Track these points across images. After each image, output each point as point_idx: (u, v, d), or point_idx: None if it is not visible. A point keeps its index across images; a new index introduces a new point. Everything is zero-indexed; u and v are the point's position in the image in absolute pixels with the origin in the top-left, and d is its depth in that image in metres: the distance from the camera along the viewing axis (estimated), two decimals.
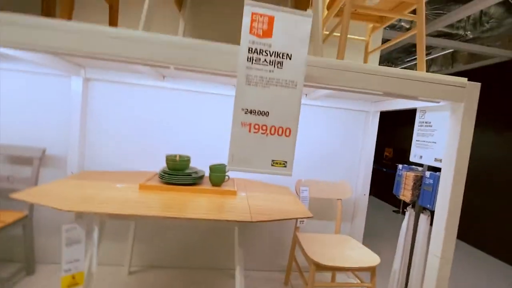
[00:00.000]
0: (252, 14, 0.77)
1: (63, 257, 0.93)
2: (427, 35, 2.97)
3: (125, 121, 1.60)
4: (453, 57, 4.07)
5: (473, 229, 3.58)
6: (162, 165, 1.65)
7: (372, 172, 1.85)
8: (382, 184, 5.36)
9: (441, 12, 2.68)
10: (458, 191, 1.11)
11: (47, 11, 1.22)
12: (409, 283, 1.43)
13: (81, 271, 0.98)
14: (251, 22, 0.78)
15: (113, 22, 1.24)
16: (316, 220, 1.85)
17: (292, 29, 0.80)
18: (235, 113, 0.80)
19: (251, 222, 0.99)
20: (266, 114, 0.83)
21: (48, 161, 1.56)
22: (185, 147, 1.67)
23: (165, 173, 1.34)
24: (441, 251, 1.13)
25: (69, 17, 0.89)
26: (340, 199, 1.69)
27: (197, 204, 1.12)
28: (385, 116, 5.06)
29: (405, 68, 4.32)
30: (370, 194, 2.42)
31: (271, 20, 0.79)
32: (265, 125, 0.83)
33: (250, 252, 1.76)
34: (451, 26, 2.92)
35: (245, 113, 0.81)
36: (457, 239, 3.74)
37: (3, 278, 1.41)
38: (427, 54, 3.86)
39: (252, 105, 0.82)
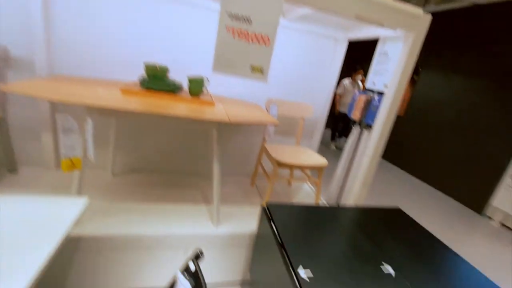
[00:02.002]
0: None
1: (60, 143, 1.05)
2: None
3: (99, 24, 1.51)
4: None
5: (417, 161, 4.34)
6: (136, 75, 1.66)
7: None
8: None
9: None
10: (393, 109, 1.40)
11: None
12: (346, 182, 1.86)
13: (78, 156, 1.12)
14: None
15: None
16: (281, 136, 2.14)
17: None
18: (221, 16, 0.87)
19: (230, 123, 1.17)
20: (249, 21, 0.91)
21: (13, 63, 1.47)
22: (161, 59, 1.68)
23: (145, 80, 1.40)
24: (372, 153, 1.48)
25: None
26: (303, 118, 1.95)
27: (179, 108, 1.25)
28: (365, 52, 5.22)
29: None
30: None
31: None
32: (247, 31, 0.93)
33: (222, 160, 2.04)
34: None
35: (230, 17, 0.89)
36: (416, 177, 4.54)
37: None
38: None
39: (236, 9, 0.89)
